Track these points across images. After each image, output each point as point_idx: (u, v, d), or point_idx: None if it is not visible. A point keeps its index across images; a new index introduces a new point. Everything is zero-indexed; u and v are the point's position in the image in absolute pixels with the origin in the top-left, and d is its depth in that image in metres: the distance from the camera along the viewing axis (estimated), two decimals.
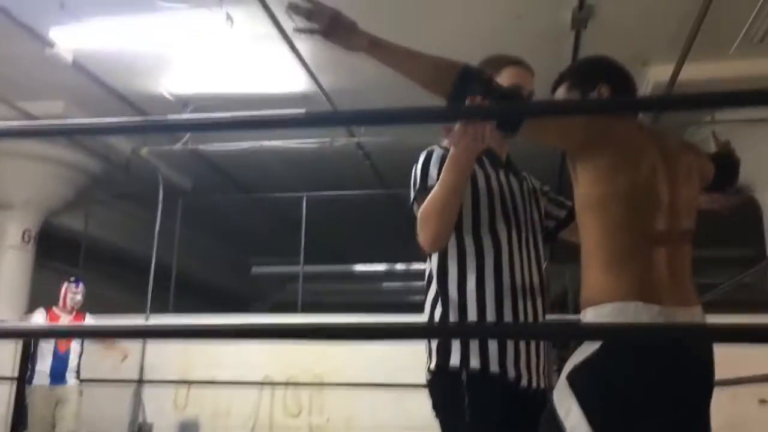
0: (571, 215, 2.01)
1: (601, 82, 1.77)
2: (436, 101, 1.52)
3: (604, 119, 1.64)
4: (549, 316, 2.15)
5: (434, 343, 1.85)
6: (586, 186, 1.64)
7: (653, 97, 1.37)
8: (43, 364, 5.34)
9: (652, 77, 5.58)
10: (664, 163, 1.67)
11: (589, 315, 1.59)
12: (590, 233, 1.64)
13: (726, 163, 1.99)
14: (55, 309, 5.57)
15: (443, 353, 1.81)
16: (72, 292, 5.59)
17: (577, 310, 1.64)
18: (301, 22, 1.62)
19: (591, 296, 1.60)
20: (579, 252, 1.67)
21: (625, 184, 1.61)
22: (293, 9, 1.59)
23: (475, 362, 1.78)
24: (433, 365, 1.84)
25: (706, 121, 5.86)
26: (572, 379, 1.56)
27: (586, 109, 1.41)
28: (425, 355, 1.89)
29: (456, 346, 1.80)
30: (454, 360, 1.79)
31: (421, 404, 2.15)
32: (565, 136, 1.63)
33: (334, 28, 1.58)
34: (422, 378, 1.91)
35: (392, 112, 1.53)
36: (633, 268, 1.58)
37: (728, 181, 2.00)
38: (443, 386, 1.83)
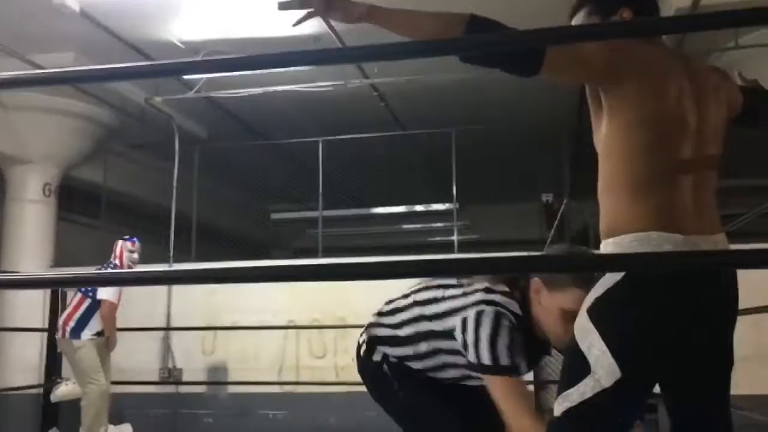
0: None
1: (622, 6, 1.68)
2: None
3: (626, 44, 1.57)
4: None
5: (364, 339, 2.30)
6: (610, 115, 1.58)
7: (684, 17, 1.27)
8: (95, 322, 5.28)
9: (674, 2, 5.40)
10: (691, 86, 1.60)
11: (609, 246, 1.56)
12: (611, 163, 1.58)
13: (758, 97, 1.85)
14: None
15: (368, 350, 2.26)
16: (128, 250, 5.36)
17: (598, 247, 1.65)
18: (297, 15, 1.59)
19: (611, 227, 1.57)
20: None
21: (652, 109, 1.54)
22: (284, 6, 1.56)
23: (393, 359, 2.19)
24: (362, 353, 2.29)
25: (730, 46, 5.69)
26: (593, 312, 1.54)
27: (612, 33, 1.33)
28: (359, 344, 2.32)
29: (379, 351, 2.23)
30: (376, 357, 2.23)
31: None
32: (587, 67, 1.55)
33: (330, 4, 1.54)
34: None
35: (402, 46, 1.49)
36: (655, 197, 1.53)
37: (762, 114, 1.89)
38: (371, 372, 2.26)
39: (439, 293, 2.12)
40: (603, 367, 1.49)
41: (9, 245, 7.35)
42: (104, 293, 5.18)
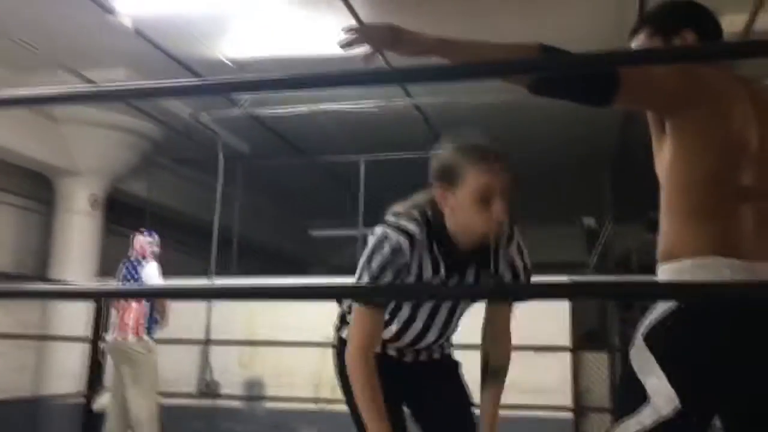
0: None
1: (685, 28, 1.66)
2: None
3: (695, 68, 1.54)
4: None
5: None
6: (674, 140, 1.55)
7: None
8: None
9: (725, 28, 5.32)
10: (754, 111, 1.58)
11: (666, 271, 1.53)
12: (673, 188, 1.56)
13: None
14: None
15: (339, 326, 2.21)
16: (148, 243, 5.42)
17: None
18: (363, 51, 1.58)
19: (669, 251, 1.54)
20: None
21: (719, 135, 1.52)
22: (348, 46, 1.55)
23: None
24: (335, 339, 2.22)
25: None
26: (649, 338, 1.51)
27: (690, 56, 1.29)
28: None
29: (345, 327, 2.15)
30: (344, 333, 2.15)
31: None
32: (660, 93, 1.52)
33: (396, 37, 1.53)
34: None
35: (456, 69, 1.48)
36: (716, 222, 1.51)
37: None
38: (338, 355, 2.14)
39: None
40: (661, 396, 1.45)
41: (56, 255, 7.51)
42: (155, 280, 5.26)
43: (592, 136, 7.55)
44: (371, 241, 1.97)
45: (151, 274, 5.29)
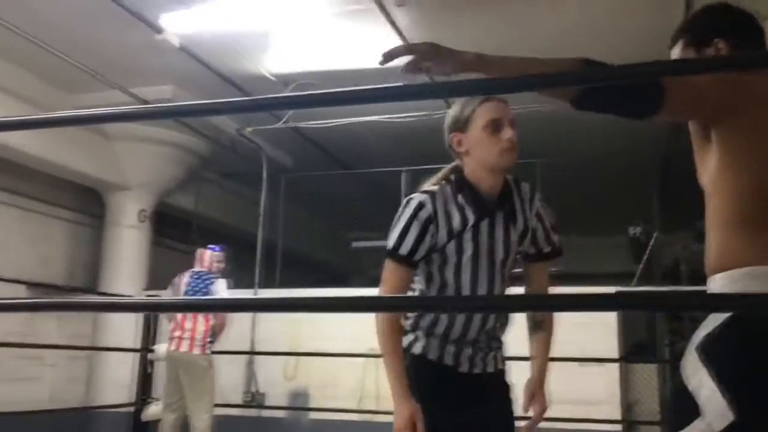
0: (539, 255, 2.25)
1: (717, 37, 1.61)
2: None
3: (742, 77, 1.50)
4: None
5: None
6: (721, 149, 1.52)
7: None
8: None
9: None
10: None
11: (719, 282, 1.50)
12: (723, 197, 1.52)
13: None
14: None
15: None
16: (217, 261, 5.56)
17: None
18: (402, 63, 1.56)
19: (719, 261, 1.51)
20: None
21: None
22: (387, 58, 1.52)
23: (417, 348, 2.16)
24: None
25: None
26: (702, 349, 1.47)
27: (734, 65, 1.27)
28: None
29: (407, 336, 2.18)
30: (404, 343, 2.17)
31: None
32: (705, 103, 1.49)
33: (437, 53, 1.51)
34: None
35: (502, 81, 1.48)
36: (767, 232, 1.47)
37: None
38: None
39: None
40: (713, 409, 1.41)
41: (106, 268, 7.70)
42: (224, 294, 5.37)
43: (639, 145, 7.44)
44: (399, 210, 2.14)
45: (221, 290, 5.36)
